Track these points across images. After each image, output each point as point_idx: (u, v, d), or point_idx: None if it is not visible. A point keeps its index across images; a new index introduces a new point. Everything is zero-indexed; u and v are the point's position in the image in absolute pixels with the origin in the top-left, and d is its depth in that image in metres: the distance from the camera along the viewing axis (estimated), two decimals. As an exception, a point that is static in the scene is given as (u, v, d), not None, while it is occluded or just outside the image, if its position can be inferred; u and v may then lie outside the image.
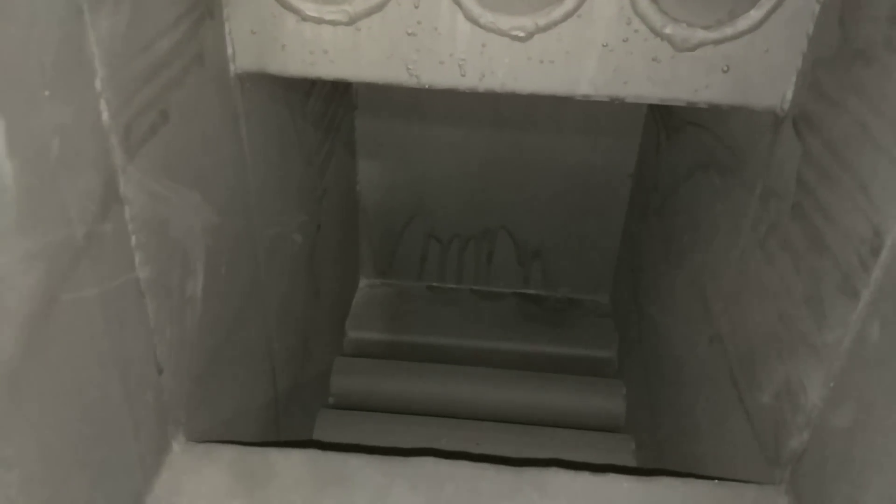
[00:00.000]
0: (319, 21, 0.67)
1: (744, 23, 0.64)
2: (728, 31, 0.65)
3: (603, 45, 0.66)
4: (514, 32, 0.66)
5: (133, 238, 0.53)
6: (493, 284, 1.60)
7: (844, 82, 0.58)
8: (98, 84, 0.46)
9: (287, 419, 1.02)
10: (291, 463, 0.63)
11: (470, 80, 0.69)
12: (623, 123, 1.37)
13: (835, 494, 0.54)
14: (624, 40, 0.65)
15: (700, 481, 0.63)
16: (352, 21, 0.66)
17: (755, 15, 0.63)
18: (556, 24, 0.65)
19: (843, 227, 0.56)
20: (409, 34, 0.67)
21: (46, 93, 0.41)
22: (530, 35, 0.66)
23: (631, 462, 1.17)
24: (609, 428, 1.29)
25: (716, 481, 0.63)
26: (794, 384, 0.61)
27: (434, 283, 1.60)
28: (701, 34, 0.65)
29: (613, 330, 1.49)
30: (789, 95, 0.67)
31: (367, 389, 1.33)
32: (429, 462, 0.63)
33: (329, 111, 1.15)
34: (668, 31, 0.65)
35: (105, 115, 0.47)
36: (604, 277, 1.56)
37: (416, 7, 0.65)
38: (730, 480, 0.64)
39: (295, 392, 1.07)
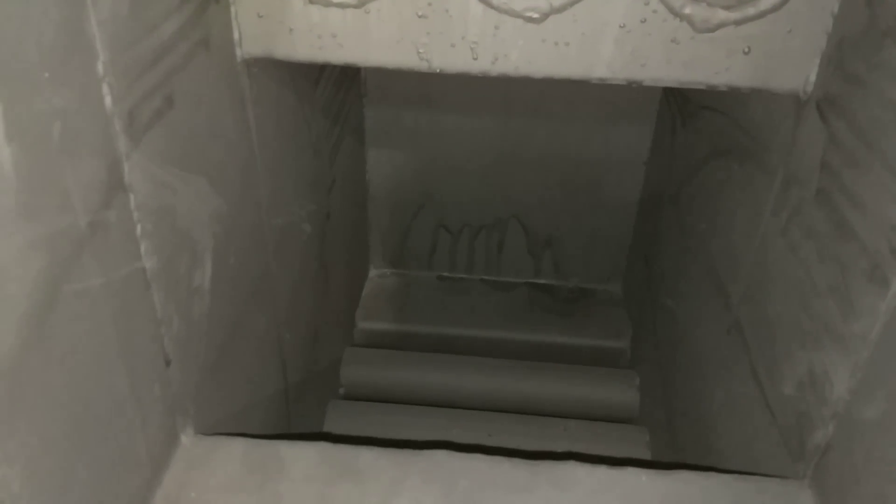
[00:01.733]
0: (327, 4, 0.65)
1: (766, 2, 0.62)
2: (750, 10, 0.62)
3: (620, 27, 0.64)
4: (528, 13, 0.64)
5: (138, 227, 0.52)
6: (504, 274, 1.58)
7: (872, 63, 0.55)
8: (100, 67, 0.45)
9: (297, 410, 1.01)
10: (302, 456, 0.62)
11: (482, 63, 0.67)
12: (636, 110, 1.34)
13: (862, 489, 0.52)
14: (642, 21, 0.63)
15: (720, 475, 0.62)
16: (360, 3, 0.65)
17: (777, -6, 0.61)
18: (571, 4, 0.63)
19: (871, 213, 0.54)
20: (419, 16, 0.65)
21: (46, 75, 0.40)
22: (545, 16, 0.64)
23: (645, 454, 1.16)
24: (622, 419, 1.27)
25: (736, 475, 0.62)
26: (819, 375, 0.59)
27: (444, 273, 1.59)
28: (721, 14, 0.63)
29: (626, 320, 1.47)
30: (813, 77, 0.64)
31: (377, 380, 1.32)
32: (442, 455, 0.62)
33: (338, 99, 1.14)
34: (687, 11, 0.62)
35: (108, 100, 0.46)
36: (616, 267, 1.54)
37: None
38: (750, 474, 0.62)
39: (305, 383, 1.06)
